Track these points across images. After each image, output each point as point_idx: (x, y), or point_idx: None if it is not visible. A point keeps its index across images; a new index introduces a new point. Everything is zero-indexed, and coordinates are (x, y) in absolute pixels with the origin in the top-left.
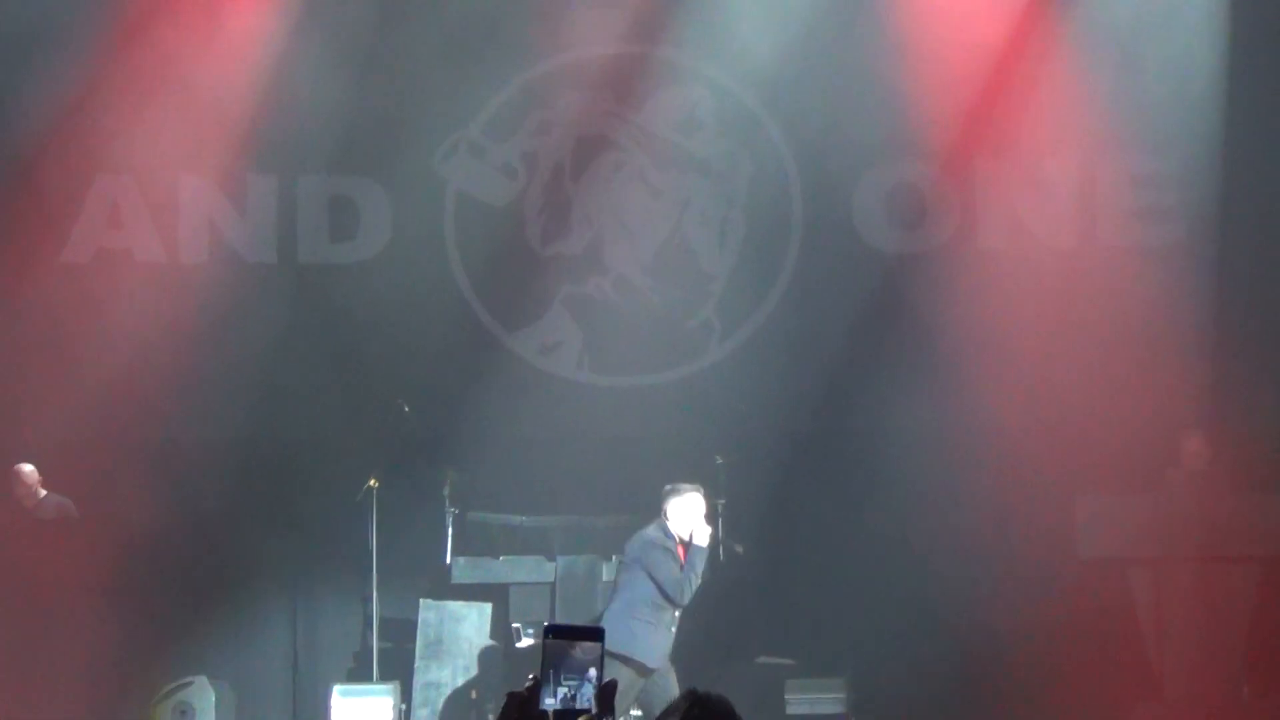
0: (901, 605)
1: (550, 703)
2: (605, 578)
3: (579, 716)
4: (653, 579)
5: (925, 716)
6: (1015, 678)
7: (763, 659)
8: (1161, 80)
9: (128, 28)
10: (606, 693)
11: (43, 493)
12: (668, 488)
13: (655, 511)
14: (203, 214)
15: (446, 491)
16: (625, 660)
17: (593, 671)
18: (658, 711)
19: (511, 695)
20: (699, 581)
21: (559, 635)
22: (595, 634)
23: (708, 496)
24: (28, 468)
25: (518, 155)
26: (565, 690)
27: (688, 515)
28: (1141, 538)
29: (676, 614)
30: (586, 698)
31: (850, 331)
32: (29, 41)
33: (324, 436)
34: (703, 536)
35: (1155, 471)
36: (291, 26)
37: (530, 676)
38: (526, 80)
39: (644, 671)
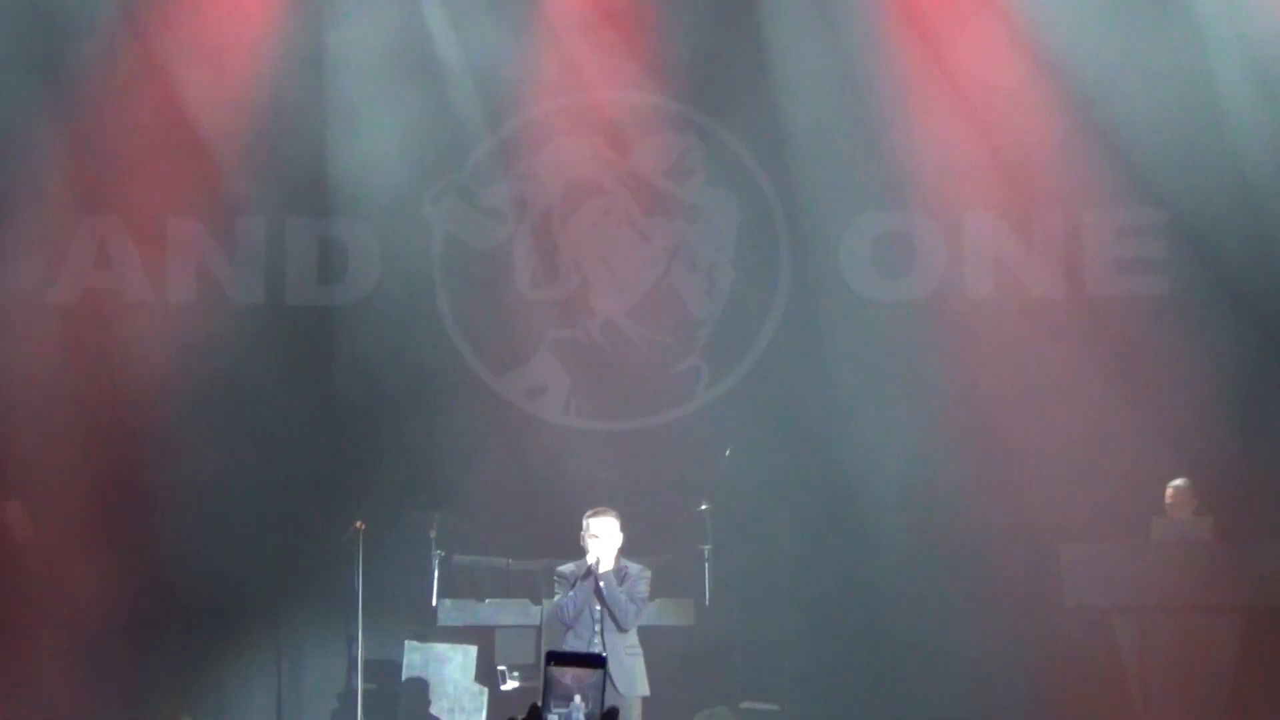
0: (886, 651)
1: None
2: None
3: None
4: None
5: None
6: None
7: (746, 704)
8: (1149, 132)
9: (119, 70)
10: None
11: (32, 533)
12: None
13: (639, 555)
14: (191, 255)
15: (433, 534)
16: None
17: (577, 698)
18: None
19: None
20: (593, 605)
21: (560, 662)
22: (595, 661)
23: (623, 526)
24: (16, 505)
25: (506, 199)
26: (554, 717)
27: (596, 538)
28: (1126, 586)
29: (595, 641)
30: None
31: (837, 379)
32: (19, 82)
33: (310, 478)
34: (604, 563)
35: (1140, 520)
36: (282, 70)
37: (532, 705)
38: (516, 125)
39: None
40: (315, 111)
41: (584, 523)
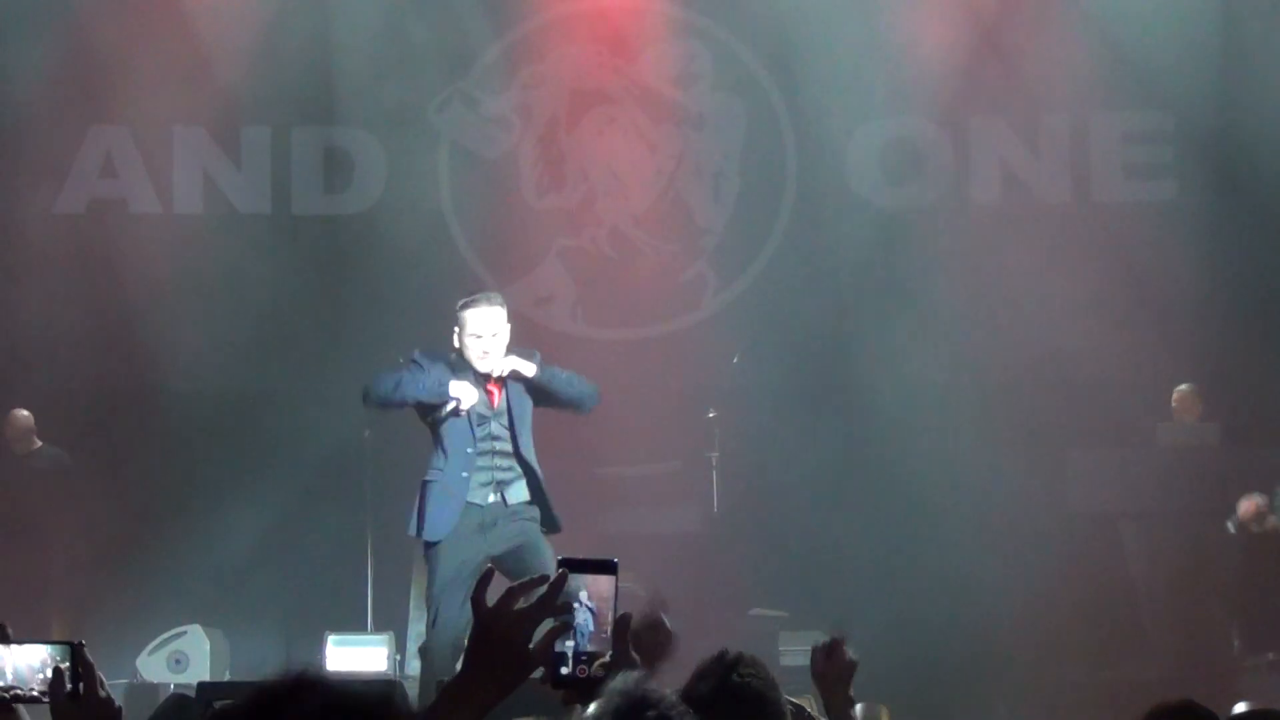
0: (894, 558)
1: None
2: (600, 529)
3: (590, 654)
4: None
5: (918, 667)
6: (1005, 630)
7: (756, 611)
8: (1156, 36)
9: None
10: (619, 628)
11: (38, 443)
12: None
13: (646, 462)
14: (197, 165)
15: None
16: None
17: (583, 594)
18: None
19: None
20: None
21: (572, 568)
22: (608, 567)
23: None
24: (23, 413)
25: (512, 107)
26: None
27: (478, 339)
28: (1132, 491)
29: (479, 464)
30: (586, 627)
31: (843, 286)
32: None
33: (317, 386)
34: (495, 366)
35: (1147, 425)
36: None
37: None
38: (521, 32)
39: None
40: (320, 19)
41: (460, 320)
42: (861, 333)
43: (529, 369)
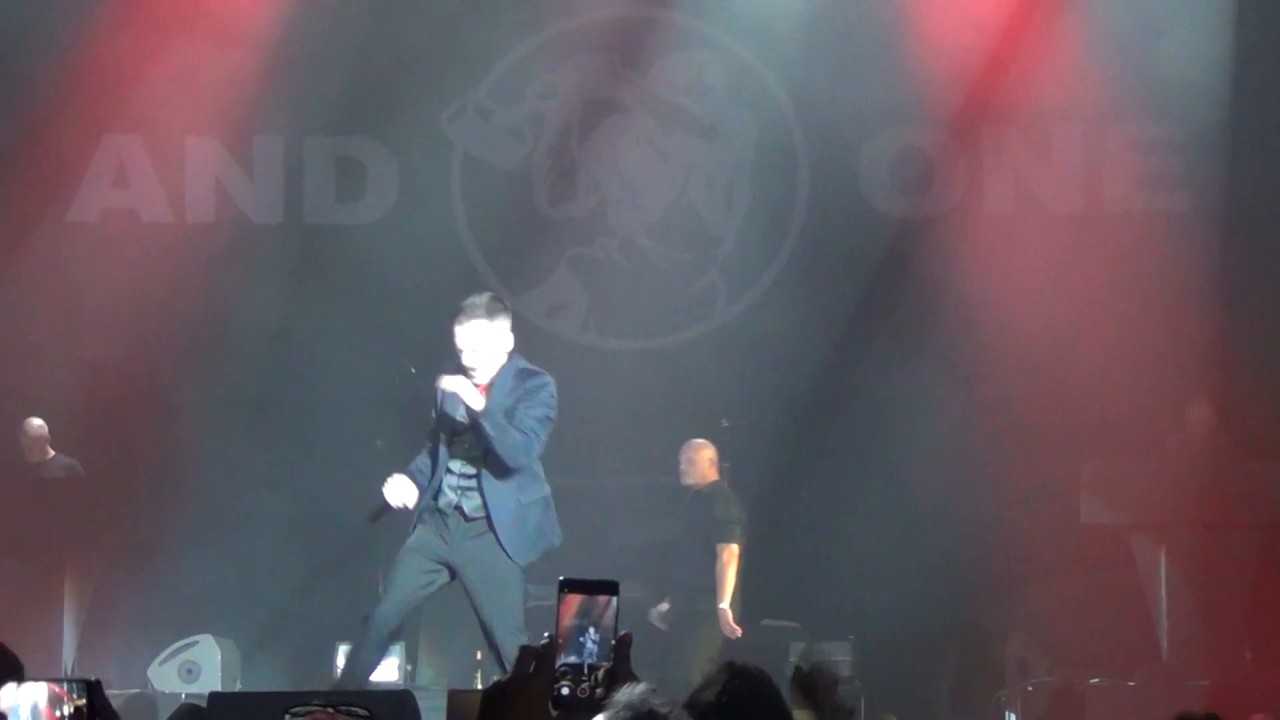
0: (906, 569)
1: (564, 658)
2: (611, 539)
3: (594, 671)
4: None
5: (930, 679)
6: (1019, 641)
7: (767, 621)
8: (1168, 46)
9: None
10: (622, 646)
11: (51, 452)
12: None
13: (660, 475)
14: (210, 174)
15: None
16: None
17: (591, 630)
18: None
19: (525, 650)
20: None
21: (574, 589)
22: (610, 587)
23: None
24: (37, 422)
25: (525, 118)
26: (571, 659)
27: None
28: (1144, 504)
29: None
30: (590, 650)
31: (855, 296)
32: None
33: (330, 397)
34: (481, 373)
35: (1159, 437)
36: None
37: (546, 635)
38: (534, 43)
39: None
40: (333, 30)
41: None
42: (873, 343)
43: (475, 402)
